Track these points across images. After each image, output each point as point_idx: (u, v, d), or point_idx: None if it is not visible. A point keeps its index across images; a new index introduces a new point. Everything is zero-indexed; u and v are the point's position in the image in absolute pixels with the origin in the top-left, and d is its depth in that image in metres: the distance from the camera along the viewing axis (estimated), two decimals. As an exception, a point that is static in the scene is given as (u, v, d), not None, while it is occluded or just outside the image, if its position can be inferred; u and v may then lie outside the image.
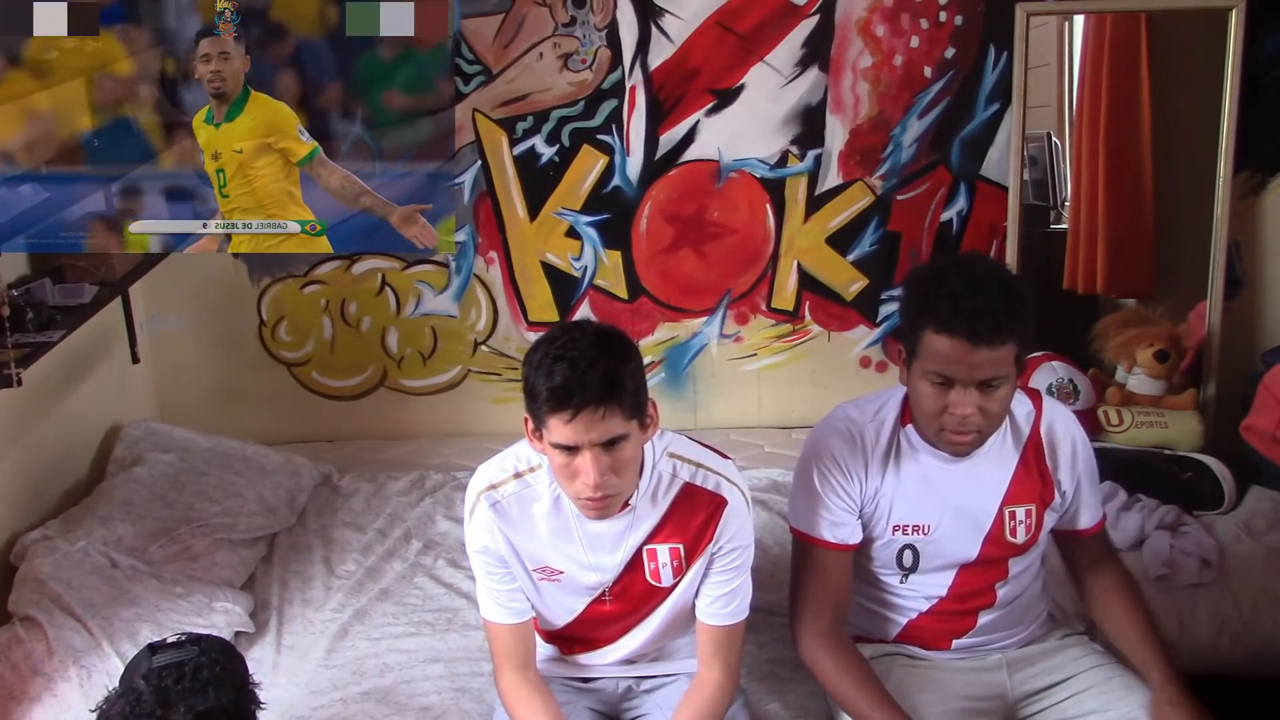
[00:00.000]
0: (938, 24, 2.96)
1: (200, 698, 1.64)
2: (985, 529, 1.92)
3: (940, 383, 1.78)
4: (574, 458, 1.70)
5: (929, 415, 1.82)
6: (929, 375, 1.78)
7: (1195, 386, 2.91)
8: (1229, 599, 2.38)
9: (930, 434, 1.86)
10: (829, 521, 1.92)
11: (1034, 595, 2.05)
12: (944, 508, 1.90)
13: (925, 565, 1.94)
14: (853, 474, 1.91)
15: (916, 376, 1.82)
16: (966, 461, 1.90)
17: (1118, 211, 2.99)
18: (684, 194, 3.09)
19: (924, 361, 1.78)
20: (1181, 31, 2.93)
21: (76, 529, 2.43)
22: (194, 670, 1.66)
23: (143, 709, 1.63)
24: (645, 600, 1.91)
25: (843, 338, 3.19)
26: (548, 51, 2.99)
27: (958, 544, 1.93)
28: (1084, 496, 1.97)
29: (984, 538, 1.92)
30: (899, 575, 1.97)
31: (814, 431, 1.99)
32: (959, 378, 1.76)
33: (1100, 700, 1.89)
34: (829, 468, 1.92)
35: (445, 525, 2.73)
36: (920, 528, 1.92)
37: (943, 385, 1.78)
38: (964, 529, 1.92)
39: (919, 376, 1.81)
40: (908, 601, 1.99)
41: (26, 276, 2.64)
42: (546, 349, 1.69)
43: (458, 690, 2.17)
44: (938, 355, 1.76)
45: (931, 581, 1.95)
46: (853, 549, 1.94)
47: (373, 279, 3.18)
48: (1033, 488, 1.93)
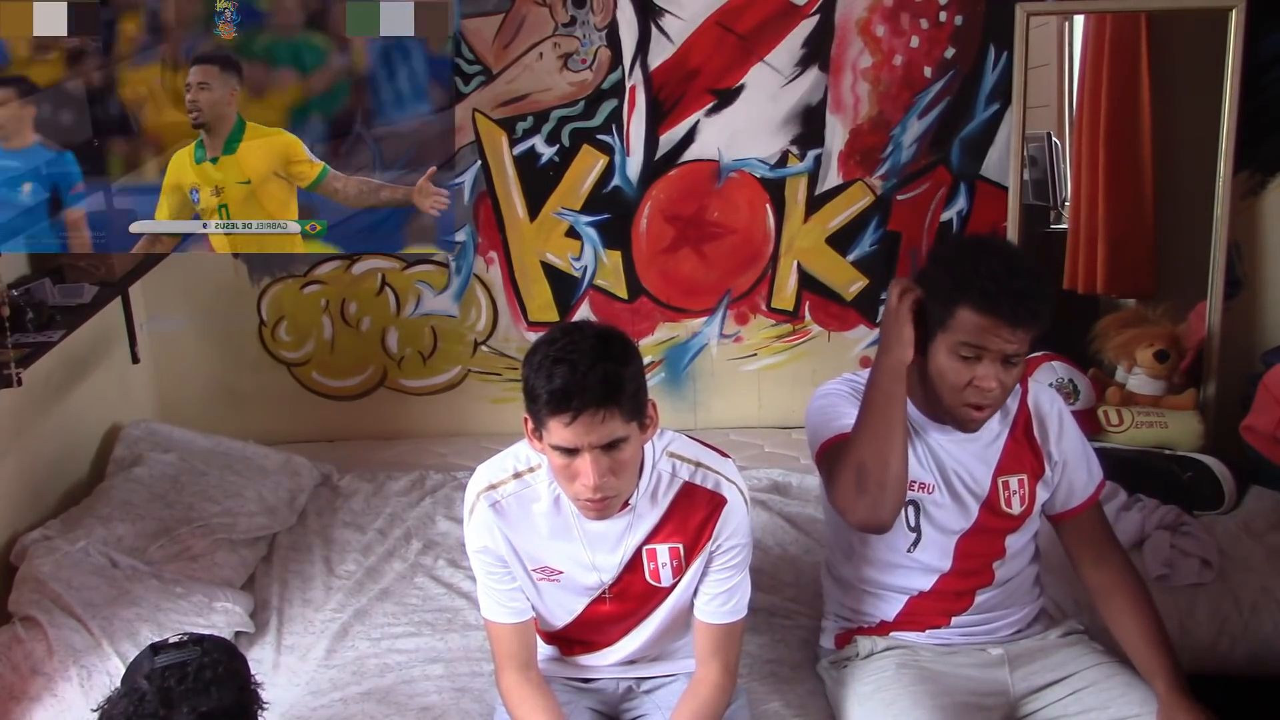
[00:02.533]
0: (938, 24, 2.96)
1: (203, 698, 1.64)
2: (982, 496, 1.96)
3: (969, 356, 1.82)
4: (574, 459, 1.70)
5: (952, 388, 1.85)
6: (958, 348, 1.82)
7: (1195, 386, 2.91)
8: (1229, 599, 2.38)
9: (949, 405, 1.89)
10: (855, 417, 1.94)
11: (1028, 580, 2.06)
12: (942, 473, 1.95)
13: (928, 530, 1.96)
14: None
15: (940, 350, 1.85)
16: (956, 433, 1.94)
17: (1118, 211, 2.99)
18: (684, 194, 3.09)
19: (954, 335, 1.82)
20: (1181, 31, 2.93)
21: (76, 529, 2.43)
22: (196, 670, 1.67)
23: (145, 709, 1.63)
24: (645, 600, 1.91)
25: (843, 338, 3.19)
26: (548, 51, 2.99)
27: (957, 507, 1.96)
28: (1074, 465, 1.99)
29: (980, 504, 1.96)
30: (907, 540, 1.98)
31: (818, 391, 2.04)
32: (990, 350, 1.81)
33: (1100, 698, 1.90)
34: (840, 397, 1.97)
35: (445, 525, 2.73)
36: (925, 485, 1.95)
37: (971, 359, 1.82)
38: (961, 494, 1.96)
39: (944, 349, 1.84)
40: (911, 579, 2.00)
41: (26, 276, 2.64)
42: (546, 351, 1.69)
43: (458, 690, 2.17)
44: (972, 330, 1.80)
45: (934, 552, 1.96)
46: None
47: (373, 279, 3.18)
48: (1024, 459, 1.97)
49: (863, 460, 1.85)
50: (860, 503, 1.85)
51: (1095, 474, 2.02)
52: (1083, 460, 2.01)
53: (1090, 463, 2.02)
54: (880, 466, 1.84)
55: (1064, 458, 1.99)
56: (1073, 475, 2.00)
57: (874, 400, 1.87)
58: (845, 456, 1.88)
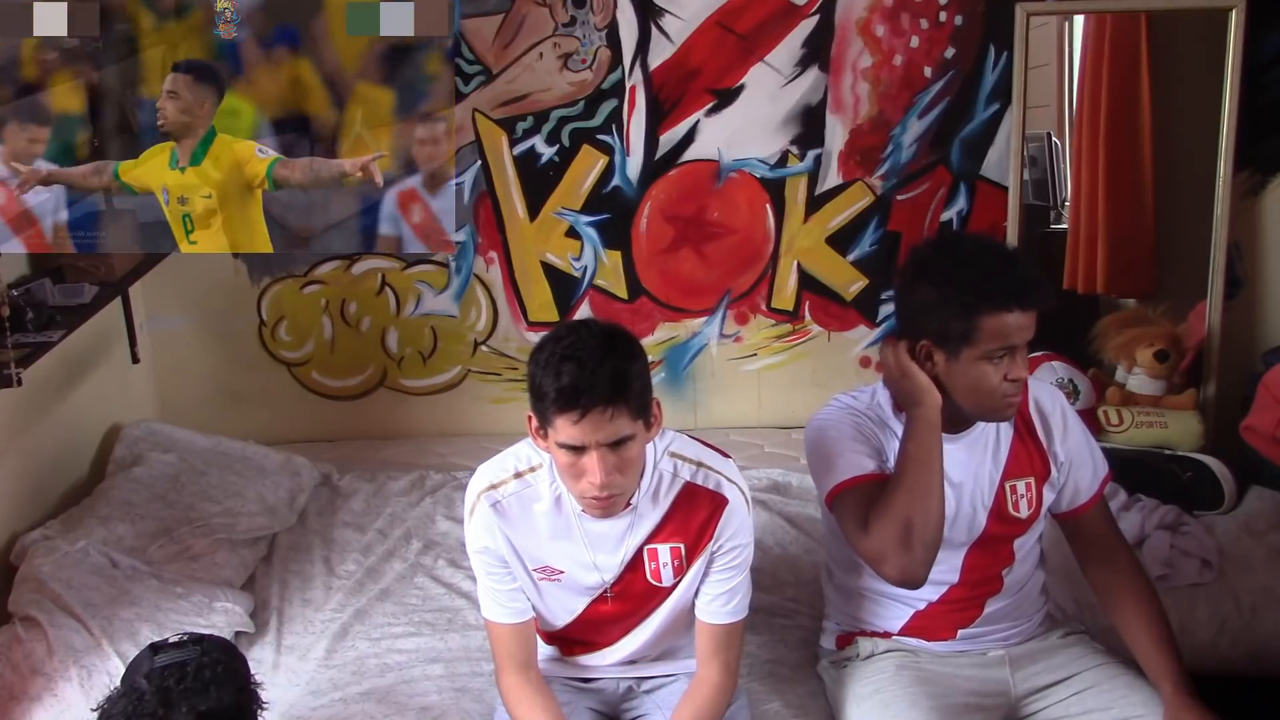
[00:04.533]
0: (938, 24, 2.96)
1: (202, 697, 1.64)
2: (989, 503, 1.95)
3: (1002, 356, 1.83)
4: (580, 457, 1.70)
5: (991, 391, 1.85)
6: (990, 355, 1.83)
7: (1195, 386, 2.91)
8: (1229, 599, 2.38)
9: (990, 407, 1.88)
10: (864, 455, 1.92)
11: (1036, 587, 2.06)
12: (948, 484, 1.91)
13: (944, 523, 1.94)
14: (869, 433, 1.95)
15: (969, 363, 1.84)
16: (965, 439, 1.93)
17: (1118, 211, 2.99)
18: (684, 194, 3.09)
19: (983, 344, 1.82)
20: (1181, 31, 2.93)
21: (76, 529, 2.43)
22: (196, 670, 1.66)
23: (145, 708, 1.63)
24: (646, 600, 1.91)
25: (843, 338, 3.19)
26: (548, 51, 2.99)
27: (965, 517, 1.94)
28: (1079, 463, 1.99)
29: (989, 511, 1.95)
30: None
31: (814, 421, 2.00)
32: (1018, 342, 1.83)
33: (1103, 699, 1.90)
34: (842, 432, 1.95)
35: (445, 525, 2.73)
36: None
37: (1003, 358, 1.83)
38: (969, 503, 1.94)
39: (974, 361, 1.83)
40: (920, 590, 1.98)
41: (26, 276, 2.63)
42: (553, 348, 1.69)
43: (458, 690, 2.17)
44: (1000, 332, 1.81)
45: (942, 565, 1.93)
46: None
47: (373, 279, 3.18)
48: (1029, 462, 1.97)
49: (910, 518, 1.82)
50: (905, 559, 1.82)
51: (1100, 469, 2.01)
52: (1087, 456, 2.00)
53: (1095, 458, 2.01)
54: (927, 525, 1.82)
55: (1069, 456, 1.98)
56: (1078, 474, 1.99)
57: (913, 455, 1.85)
58: (887, 511, 1.84)
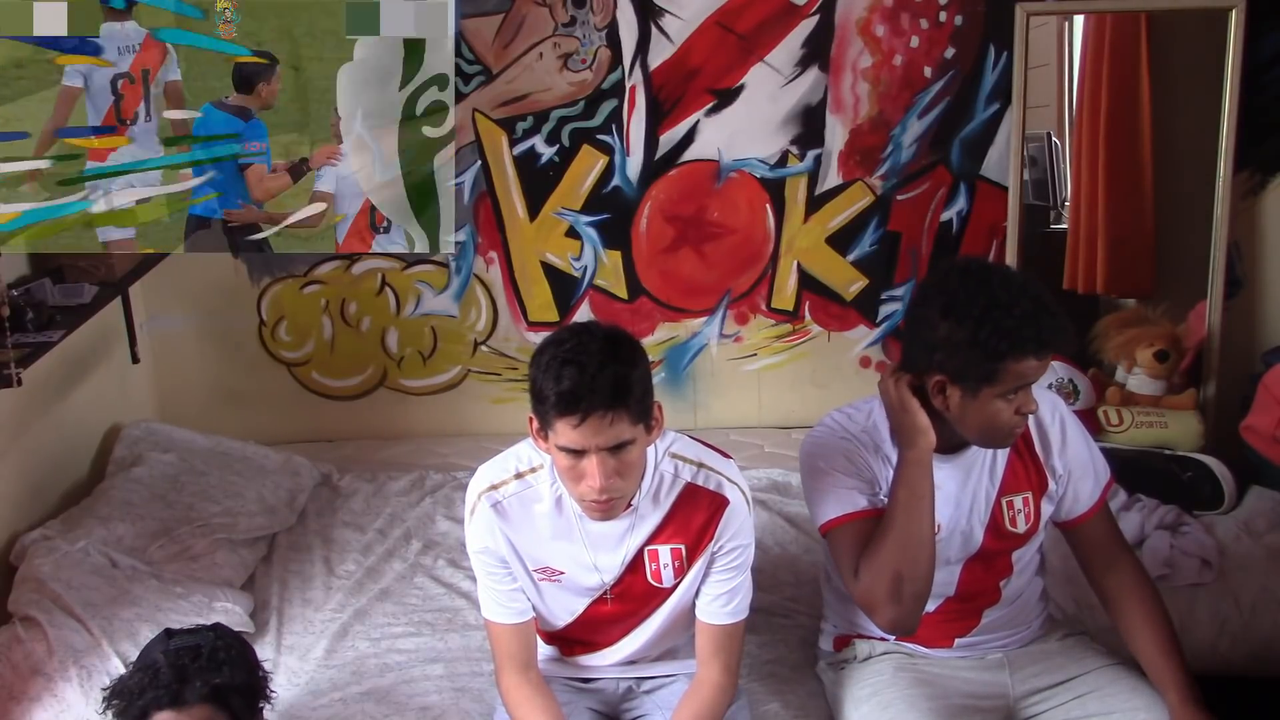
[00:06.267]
0: (938, 24, 2.95)
1: (215, 674, 1.70)
2: (985, 519, 1.93)
3: (1017, 392, 1.80)
4: (580, 461, 1.70)
5: (1005, 424, 1.82)
6: (1006, 394, 1.79)
7: (1195, 386, 2.91)
8: (1229, 599, 2.38)
9: (1000, 438, 1.86)
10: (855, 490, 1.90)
11: (1035, 594, 2.05)
12: (944, 503, 1.90)
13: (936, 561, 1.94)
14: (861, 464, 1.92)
15: (987, 401, 1.80)
16: (962, 459, 1.91)
17: (1118, 211, 2.99)
18: (684, 194, 3.09)
19: (1005, 384, 1.78)
20: (1181, 31, 2.93)
21: (76, 529, 2.43)
22: (210, 652, 1.72)
23: (160, 680, 1.68)
24: (646, 601, 1.91)
25: (843, 338, 3.19)
26: (548, 51, 2.99)
27: (961, 534, 1.93)
28: (1079, 474, 1.96)
29: (985, 527, 1.93)
30: None
31: (808, 443, 1.97)
32: (1036, 380, 1.81)
33: (1104, 704, 1.89)
34: (833, 464, 1.92)
35: (445, 525, 2.73)
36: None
37: (1017, 394, 1.80)
38: (966, 520, 1.93)
39: (991, 399, 1.80)
40: None
41: (26, 276, 2.63)
42: (555, 351, 1.68)
43: (458, 690, 2.17)
44: (1023, 374, 1.78)
45: (940, 580, 1.93)
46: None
47: (373, 279, 3.18)
48: (1027, 477, 1.95)
49: (899, 572, 1.80)
50: (895, 611, 1.82)
51: (1102, 477, 1.99)
52: (1088, 466, 1.97)
53: (1096, 466, 1.99)
54: (916, 577, 1.81)
55: (1068, 468, 1.96)
56: (1078, 484, 1.97)
57: (903, 501, 1.83)
58: (876, 560, 1.82)
